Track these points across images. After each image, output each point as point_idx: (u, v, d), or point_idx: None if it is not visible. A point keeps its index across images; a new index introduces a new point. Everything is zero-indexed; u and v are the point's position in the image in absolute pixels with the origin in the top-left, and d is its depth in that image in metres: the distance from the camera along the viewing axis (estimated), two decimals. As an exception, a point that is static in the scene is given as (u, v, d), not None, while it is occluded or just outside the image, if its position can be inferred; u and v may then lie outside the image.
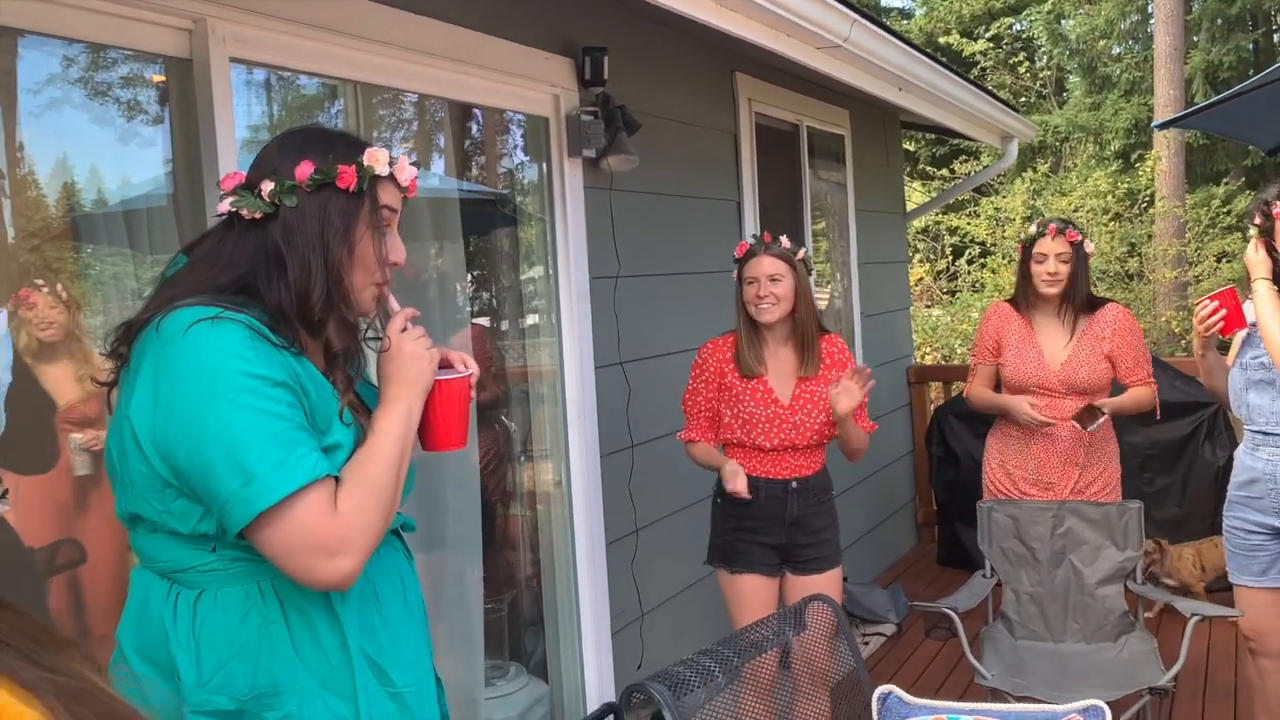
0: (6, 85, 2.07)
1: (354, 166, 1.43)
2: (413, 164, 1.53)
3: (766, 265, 2.86)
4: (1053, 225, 3.48)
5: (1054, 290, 3.48)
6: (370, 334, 1.56)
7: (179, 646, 1.34)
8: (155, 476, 1.33)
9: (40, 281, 2.20)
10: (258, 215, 1.41)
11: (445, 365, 1.55)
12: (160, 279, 1.50)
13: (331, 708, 1.37)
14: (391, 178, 1.48)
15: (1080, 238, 3.49)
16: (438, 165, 3.34)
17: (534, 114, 3.22)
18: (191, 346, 1.30)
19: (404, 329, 1.49)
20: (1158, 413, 3.66)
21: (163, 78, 2.27)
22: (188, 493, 1.32)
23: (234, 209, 1.43)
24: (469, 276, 3.53)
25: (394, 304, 1.53)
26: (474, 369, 1.58)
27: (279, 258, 1.40)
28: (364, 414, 1.49)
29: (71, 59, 2.16)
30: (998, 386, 3.67)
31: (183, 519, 1.34)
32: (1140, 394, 3.52)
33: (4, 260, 2.13)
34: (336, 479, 1.35)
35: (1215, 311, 2.81)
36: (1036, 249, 3.49)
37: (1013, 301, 3.65)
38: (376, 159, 1.45)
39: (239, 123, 2.28)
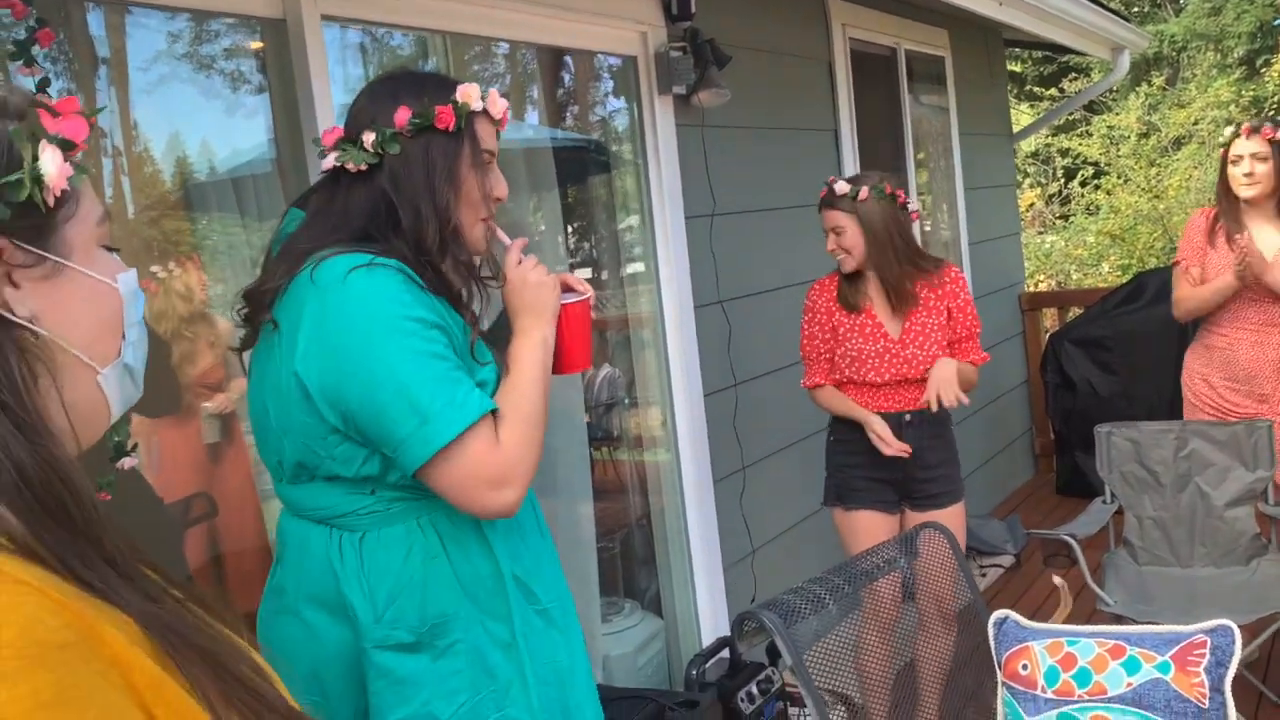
0: (112, 61, 2.15)
1: (450, 105, 1.43)
2: (505, 107, 1.52)
3: (827, 220, 2.78)
4: (1246, 125, 3.30)
5: (1252, 192, 3.27)
6: (485, 272, 1.55)
7: (350, 587, 1.39)
8: (321, 424, 1.36)
9: (194, 250, 2.32)
10: (363, 167, 1.42)
11: (565, 289, 1.57)
12: (278, 235, 1.53)
13: (490, 630, 1.42)
14: (485, 113, 1.48)
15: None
16: (530, 115, 3.35)
17: (622, 53, 3.20)
18: (352, 293, 1.33)
19: (519, 261, 1.50)
20: None
21: (260, 44, 2.32)
22: (354, 437, 1.36)
23: (339, 164, 1.43)
24: (567, 225, 3.55)
25: (504, 237, 1.54)
26: (590, 290, 1.58)
27: (390, 207, 1.42)
28: (496, 350, 1.51)
29: (172, 31, 2.22)
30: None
31: (346, 464, 1.38)
32: None
33: (127, 234, 2.23)
34: (494, 413, 1.38)
35: None
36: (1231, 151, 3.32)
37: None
38: (470, 95, 1.44)
39: (336, 87, 2.32)
